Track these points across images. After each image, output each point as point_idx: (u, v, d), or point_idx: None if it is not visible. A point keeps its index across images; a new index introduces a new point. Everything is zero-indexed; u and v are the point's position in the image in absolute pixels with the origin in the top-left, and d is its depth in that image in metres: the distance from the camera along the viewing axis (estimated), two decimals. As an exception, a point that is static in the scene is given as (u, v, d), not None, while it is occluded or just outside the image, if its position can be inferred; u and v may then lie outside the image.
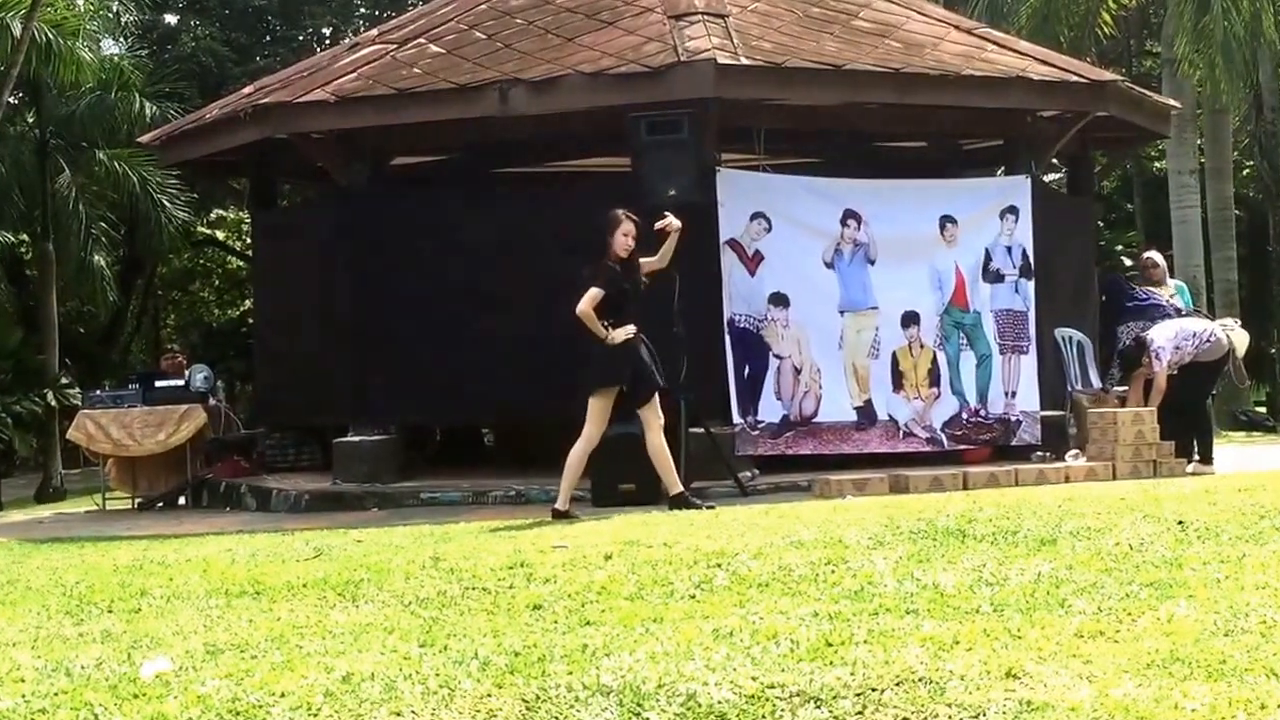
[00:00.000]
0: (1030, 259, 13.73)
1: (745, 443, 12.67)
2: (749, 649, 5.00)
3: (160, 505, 14.96)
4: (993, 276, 13.61)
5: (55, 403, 23.76)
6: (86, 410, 15.35)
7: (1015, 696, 4.34)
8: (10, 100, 22.13)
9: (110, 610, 6.77)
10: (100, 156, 24.29)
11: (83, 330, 32.13)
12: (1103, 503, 8.70)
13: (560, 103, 12.74)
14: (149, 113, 23.70)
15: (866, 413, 13.12)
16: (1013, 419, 13.52)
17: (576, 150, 15.50)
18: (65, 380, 24.43)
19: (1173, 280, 16.04)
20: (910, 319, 13.31)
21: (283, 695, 4.73)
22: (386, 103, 13.06)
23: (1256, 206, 32.29)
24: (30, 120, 25.58)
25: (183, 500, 15.10)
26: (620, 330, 10.13)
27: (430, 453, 16.38)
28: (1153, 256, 15.40)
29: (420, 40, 14.07)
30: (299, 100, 13.27)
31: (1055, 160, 17.77)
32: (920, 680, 4.53)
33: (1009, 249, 13.67)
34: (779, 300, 12.94)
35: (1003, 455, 13.36)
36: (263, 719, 4.55)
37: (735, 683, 4.60)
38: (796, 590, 6.10)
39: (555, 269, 12.06)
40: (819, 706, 4.41)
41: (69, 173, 24.73)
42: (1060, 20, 23.53)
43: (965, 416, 13.41)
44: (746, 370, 12.82)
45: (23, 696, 4.92)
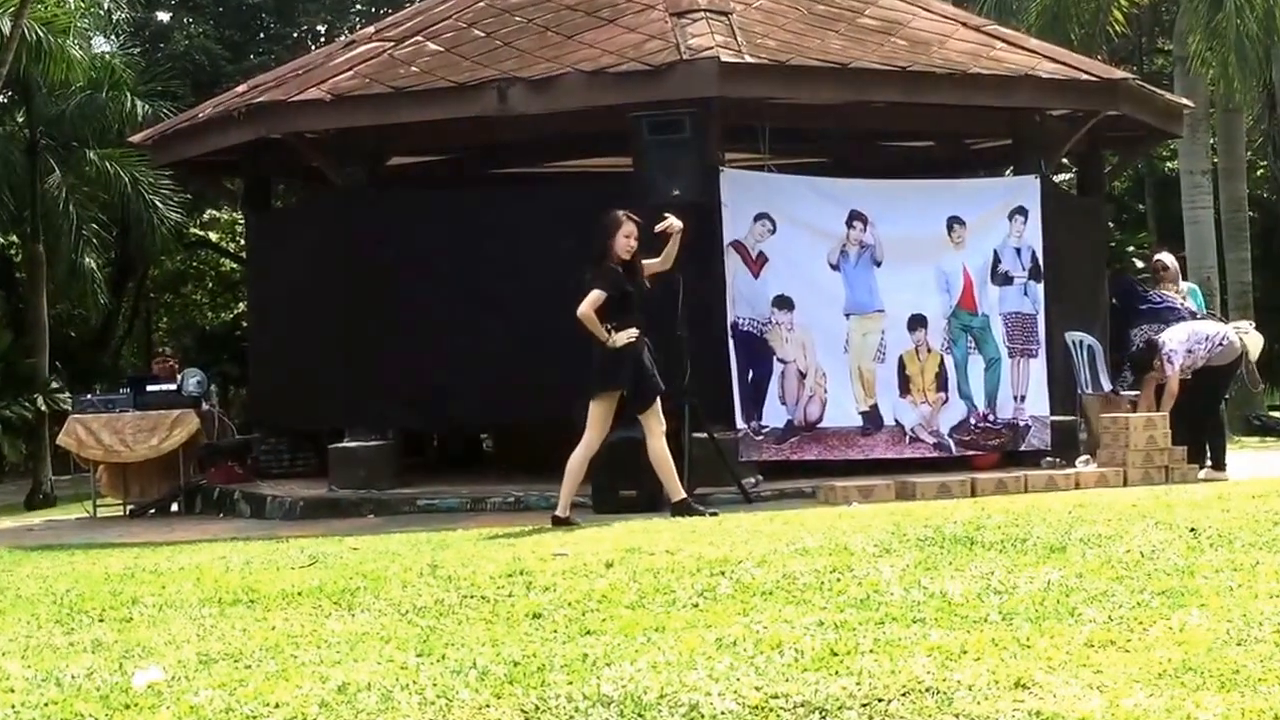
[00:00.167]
0: (1039, 261, 13.72)
1: (749, 448, 12.67)
2: (753, 659, 5.00)
3: (152, 512, 14.95)
4: (1001, 279, 13.60)
5: (45, 407, 23.77)
6: (77, 415, 15.34)
7: (1024, 707, 4.35)
8: (-1, 99, 22.18)
9: (101, 619, 6.78)
10: (91, 156, 24.29)
11: (73, 333, 32.12)
12: (1113, 509, 8.70)
13: (560, 102, 12.75)
14: (141, 112, 23.69)
15: (872, 418, 13.12)
16: (1022, 424, 13.52)
17: (577, 150, 15.51)
18: (55, 384, 24.43)
19: (1185, 282, 16.03)
20: (917, 322, 13.31)
21: (277, 706, 4.74)
22: (383, 102, 13.07)
23: (1270, 207, 32.31)
24: (20, 119, 25.57)
25: (175, 507, 15.09)
26: (622, 333, 10.13)
27: (428, 458, 16.40)
28: (1163, 258, 15.39)
29: (418, 38, 14.08)
30: (294, 99, 13.28)
31: (1065, 160, 17.79)
32: (927, 690, 4.53)
33: (1018, 250, 13.67)
34: (783, 303, 12.94)
35: (1011, 461, 13.36)
36: (257, 730, 4.55)
37: (739, 693, 4.60)
38: (801, 599, 6.11)
39: (556, 271, 12.06)
40: (824, 717, 4.41)
41: (59, 173, 24.72)
42: (1070, 17, 23.53)
43: (973, 421, 13.40)
44: (750, 374, 12.82)
45: (12, 707, 4.92)
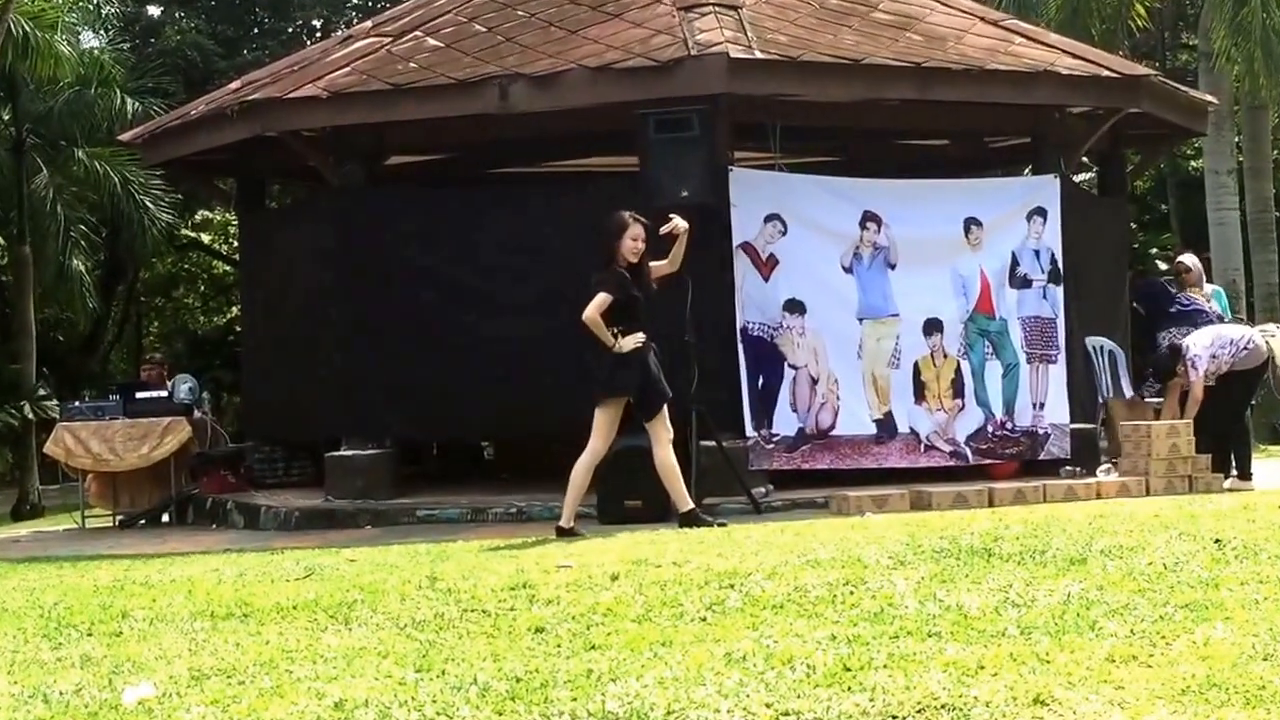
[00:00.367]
0: (1059, 263, 13.72)
1: (759, 457, 12.67)
2: (763, 674, 5.01)
3: (143, 523, 14.97)
4: (1020, 281, 13.60)
5: (32, 415, 23.81)
6: (65, 423, 15.35)
7: (1043, 724, 4.35)
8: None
9: (90, 633, 6.79)
10: (79, 155, 24.35)
11: (61, 338, 32.19)
12: (1135, 520, 8.70)
13: (563, 99, 12.75)
14: (131, 109, 23.76)
15: (886, 425, 13.11)
16: (1041, 432, 13.51)
17: (581, 149, 15.52)
18: (43, 391, 24.47)
19: (1209, 285, 16.04)
20: (933, 326, 13.31)
21: (272, 723, 4.75)
22: (381, 99, 13.07)
23: (1298, 207, 32.19)
24: (6, 118, 25.65)
25: (166, 518, 15.11)
26: (629, 338, 10.13)
27: (427, 467, 16.41)
28: (1187, 260, 15.39)
29: (417, 33, 14.09)
30: (289, 96, 13.29)
31: (1086, 159, 17.76)
32: (943, 707, 4.54)
33: (1037, 252, 13.67)
34: (795, 307, 12.94)
35: (1030, 470, 13.35)
36: (251, 747, 4.56)
37: (748, 709, 4.61)
38: (813, 612, 6.11)
39: (559, 274, 12.09)
40: (836, 735, 4.42)
41: (46, 173, 24.78)
42: (1091, 12, 23.52)
43: (991, 429, 13.40)
44: (760, 381, 12.82)
45: (-1, 724, 4.94)
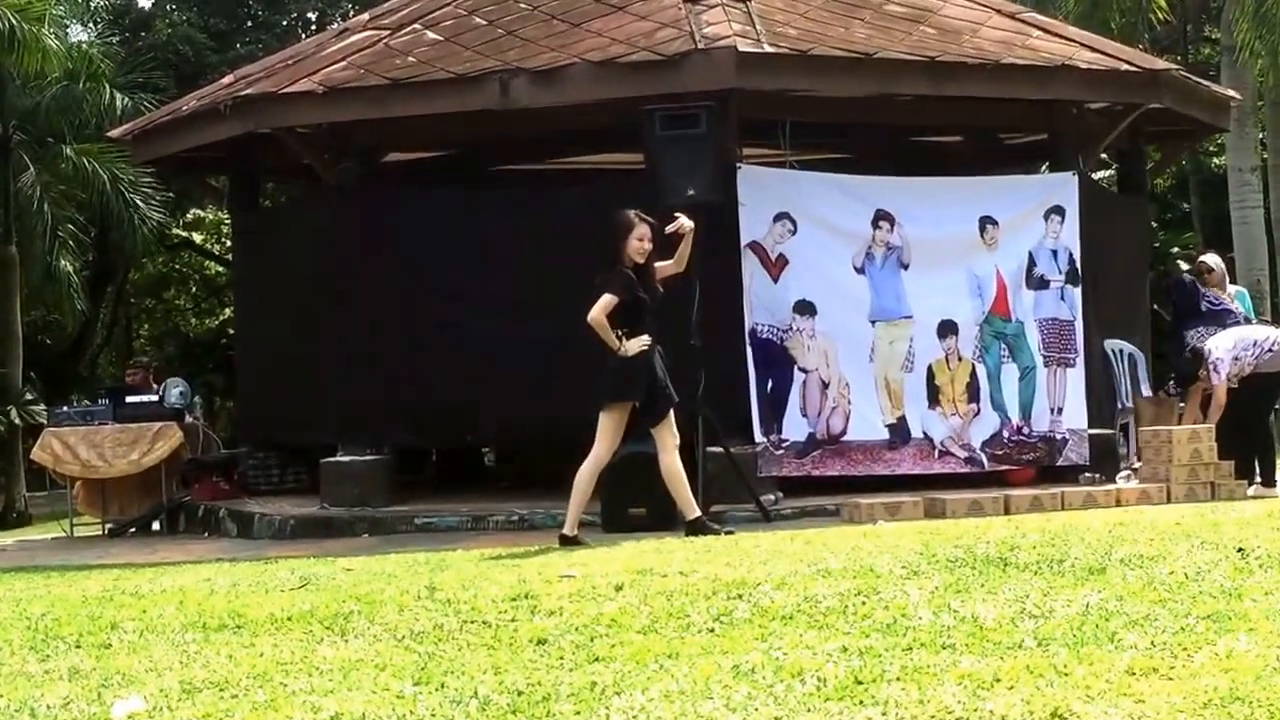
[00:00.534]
0: (1077, 263, 13.71)
1: (768, 463, 12.67)
2: (772, 687, 5.01)
3: (133, 531, 14.97)
4: (1037, 282, 13.59)
5: (19, 420, 23.82)
6: (53, 428, 15.36)
7: (1061, 739, 4.35)
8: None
9: (79, 645, 6.79)
10: (67, 152, 24.36)
11: (49, 341, 32.22)
12: (1156, 528, 8.70)
13: (566, 94, 12.75)
14: (120, 105, 23.77)
15: (899, 430, 13.11)
16: (1058, 437, 13.51)
17: (584, 146, 15.51)
18: (30, 396, 24.49)
19: (1232, 286, 16.02)
20: (947, 329, 13.30)
21: (266, 737, 4.75)
22: (378, 94, 13.08)
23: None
24: (-9, 114, 25.67)
25: (157, 526, 15.10)
26: (635, 341, 10.13)
27: (426, 474, 16.40)
28: (1209, 260, 15.37)
29: (415, 26, 14.10)
30: (283, 91, 13.30)
31: (1105, 156, 17.76)
32: (958, 721, 4.54)
33: (1054, 252, 13.66)
34: (805, 309, 12.94)
35: (1047, 476, 13.34)
36: (245, 762, 4.57)
37: (757, 724, 4.61)
38: (823, 623, 6.11)
39: (562, 275, 12.07)
40: (848, 749, 4.43)
41: (33, 170, 24.80)
42: (1111, 5, 23.50)
43: (1007, 434, 13.39)
44: (769, 384, 12.82)
45: (-15, 738, 4.95)
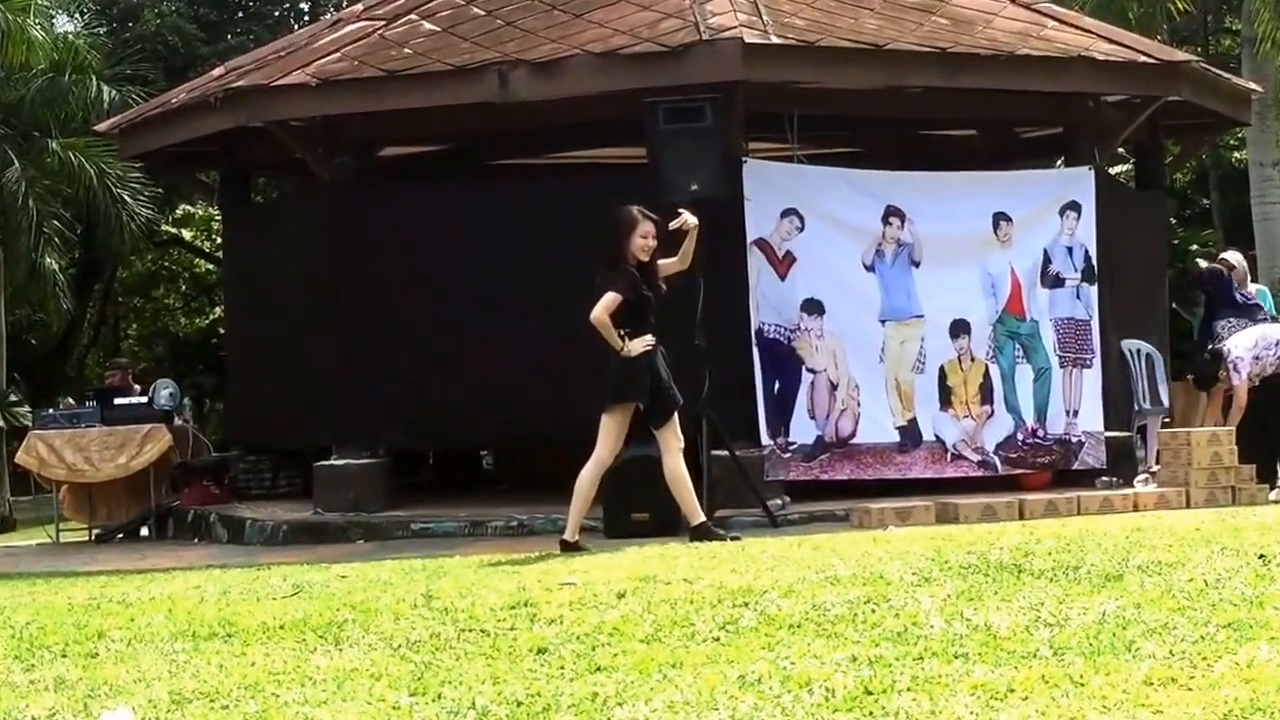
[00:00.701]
0: (1094, 261, 13.71)
1: (775, 467, 12.67)
2: (779, 698, 5.01)
3: (120, 537, 14.99)
4: (1052, 280, 13.59)
5: (3, 423, 23.83)
6: (38, 431, 15.38)
7: (1077, 751, 4.35)
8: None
9: (65, 654, 6.79)
10: (53, 146, 24.36)
11: (33, 341, 32.24)
12: (1175, 533, 8.70)
13: (567, 86, 12.75)
14: (108, 98, 23.77)
15: (910, 433, 13.11)
16: (1074, 440, 13.51)
17: (585, 140, 15.53)
18: (14, 397, 24.51)
19: (1254, 284, 16.04)
20: (960, 328, 13.30)
21: (258, 749, 4.75)
22: (373, 86, 13.09)
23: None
24: (-26, 107, 25.68)
25: (145, 531, 15.12)
26: (638, 340, 10.12)
27: (423, 478, 16.41)
28: (1230, 258, 15.38)
29: (411, 16, 14.11)
30: (275, 84, 13.30)
31: (1122, 150, 17.77)
32: (970, 733, 4.54)
33: (1070, 250, 13.66)
34: (813, 307, 12.94)
35: (1063, 480, 13.34)
36: (236, 775, 4.57)
37: (763, 735, 4.61)
38: (832, 632, 6.11)
39: (562, 273, 12.08)
40: (857, 762, 4.43)
41: (18, 165, 24.78)
42: (1128, -5, 23.52)
43: (1021, 437, 13.39)
44: (776, 386, 12.82)
45: (-32, 750, 4.95)
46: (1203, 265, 15.31)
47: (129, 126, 15.97)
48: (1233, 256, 15.45)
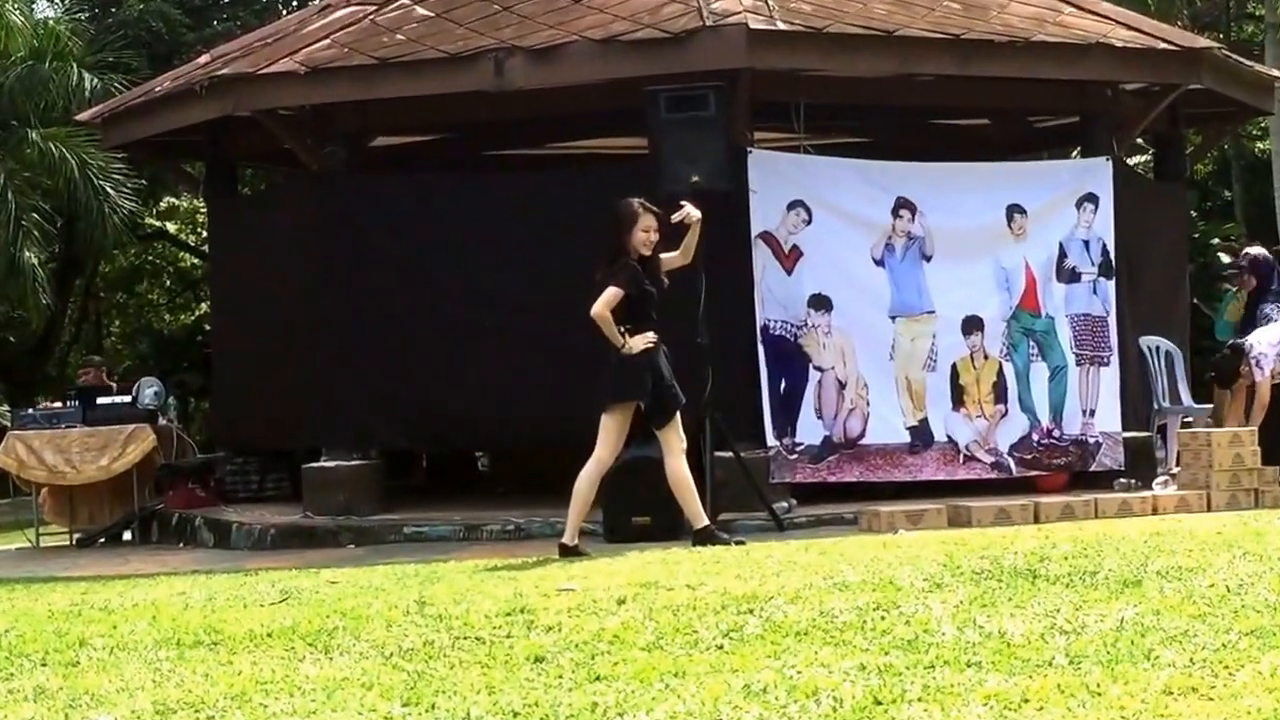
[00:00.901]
0: (1112, 255, 13.72)
1: (781, 468, 12.68)
2: (785, 708, 5.01)
3: (103, 541, 14.99)
4: (1068, 275, 13.60)
5: (-19, 423, 23.82)
6: (17, 431, 15.38)
7: (1094, 763, 4.35)
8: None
9: (45, 663, 6.79)
10: (33, 137, 24.33)
11: (12, 339, 32.22)
12: (1196, 538, 8.70)
13: (565, 74, 12.76)
14: (89, 86, 23.74)
15: (921, 434, 13.12)
16: (1091, 441, 13.51)
17: (584, 130, 15.53)
18: (-8, 397, 24.50)
19: (1280, 281, 16.01)
20: (972, 325, 13.31)
21: (245, 761, 4.76)
22: (364, 74, 13.09)
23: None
24: (-50, 95, 25.65)
25: (129, 535, 15.13)
26: (639, 337, 10.11)
27: (416, 480, 16.42)
28: (1254, 253, 15.36)
29: (404, 1, 14.12)
30: (263, 71, 13.31)
31: (1141, 140, 17.77)
32: (983, 744, 4.55)
33: (1087, 243, 13.66)
34: (820, 303, 12.95)
35: (1079, 483, 13.35)
36: (222, 788, 4.57)
37: (769, 747, 4.61)
38: (840, 640, 6.11)
39: (561, 268, 12.11)
40: (866, 774, 4.43)
41: (-4, 156, 24.78)
42: (1148, -21, 23.55)
43: (1036, 438, 13.40)
44: (782, 384, 12.83)
45: (-55, 762, 4.95)
46: (1252, 251, 15.25)
47: (111, 116, 15.98)
48: (1257, 251, 15.42)
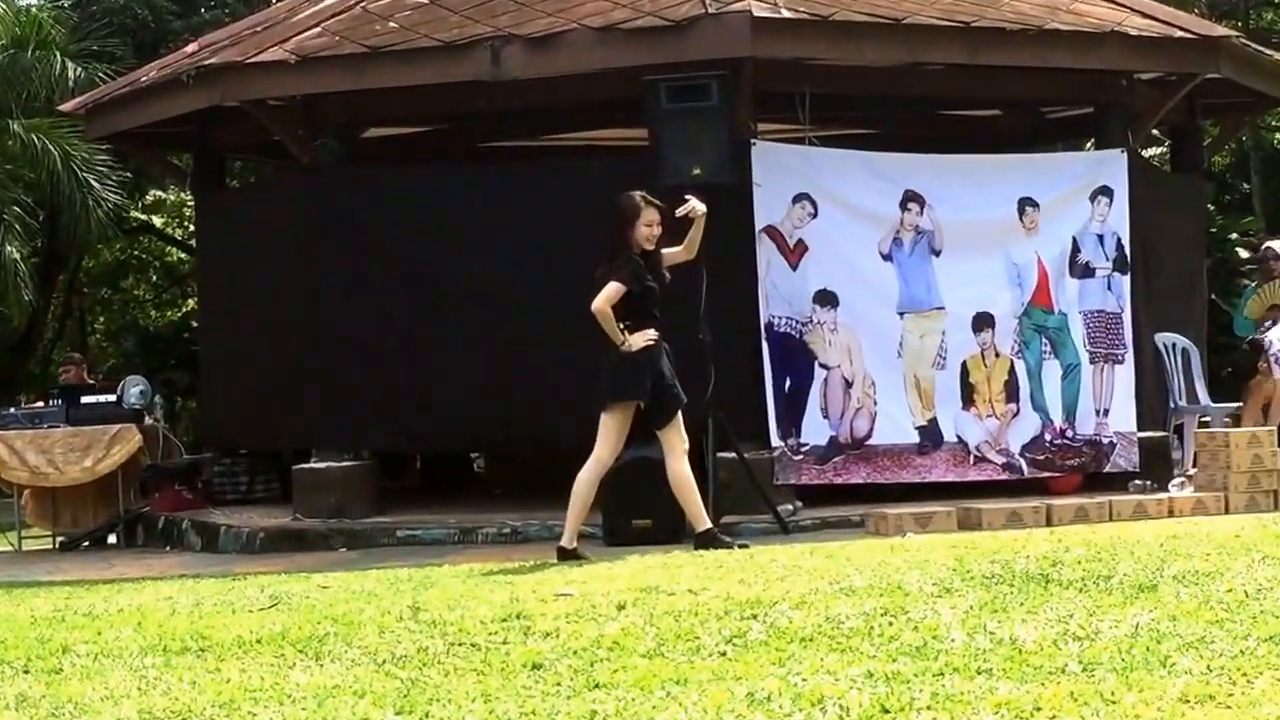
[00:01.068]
0: (1126, 250, 13.72)
1: (785, 470, 12.68)
2: (790, 716, 5.01)
3: (87, 544, 15.00)
4: (1081, 270, 13.61)
5: (-39, 423, 23.80)
6: (-2, 431, 15.40)
7: (1108, 773, 4.36)
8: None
9: (27, 670, 6.80)
10: (14, 128, 24.31)
11: (-7, 336, 32.20)
12: (1213, 541, 8.70)
13: (563, 63, 12.76)
14: (73, 75, 23.73)
15: (930, 433, 13.12)
16: (1105, 441, 13.51)
17: (583, 121, 15.54)
18: (-28, 396, 24.48)
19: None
20: (983, 321, 13.31)
21: (233, 771, 4.76)
22: (356, 63, 13.08)
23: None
24: (-71, 85, 25.65)
25: (114, 538, 15.14)
26: (640, 335, 10.10)
27: (410, 482, 16.43)
28: (1276, 246, 15.38)
29: (397, -12, 14.12)
30: (252, 60, 13.31)
31: (1157, 132, 17.76)
32: (994, 754, 4.55)
33: (1101, 237, 13.67)
34: (826, 299, 12.95)
35: (1093, 484, 13.35)
36: (209, 799, 4.57)
37: (773, 757, 4.62)
38: (847, 646, 6.12)
39: (559, 264, 12.11)
40: (873, 785, 4.43)
41: (-24, 147, 24.78)
42: (1164, -35, 23.52)
43: (1049, 438, 13.40)
44: (787, 383, 12.83)
45: (-76, 772, 4.95)
46: (1274, 244, 15.28)
47: (96, 106, 15.98)
48: (1277, 245, 15.44)
